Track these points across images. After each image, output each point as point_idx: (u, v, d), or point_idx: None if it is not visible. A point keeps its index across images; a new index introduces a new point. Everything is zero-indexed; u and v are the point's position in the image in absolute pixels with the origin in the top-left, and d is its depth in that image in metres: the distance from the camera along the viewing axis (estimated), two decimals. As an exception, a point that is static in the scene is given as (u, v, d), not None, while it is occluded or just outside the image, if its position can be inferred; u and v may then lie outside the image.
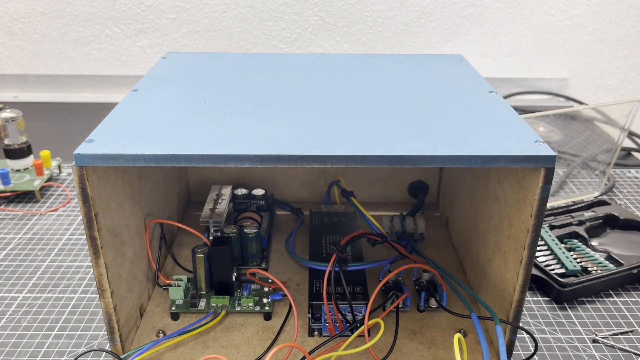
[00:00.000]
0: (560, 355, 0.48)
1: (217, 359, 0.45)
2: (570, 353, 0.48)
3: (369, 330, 0.46)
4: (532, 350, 0.48)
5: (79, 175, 0.38)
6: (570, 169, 0.80)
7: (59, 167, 0.79)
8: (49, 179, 0.77)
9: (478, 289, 0.52)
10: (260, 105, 0.47)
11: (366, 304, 0.48)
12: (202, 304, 0.50)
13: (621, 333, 0.51)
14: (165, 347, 0.46)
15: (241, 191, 0.62)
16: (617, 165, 0.84)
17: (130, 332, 0.47)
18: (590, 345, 0.49)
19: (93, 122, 0.43)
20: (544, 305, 0.54)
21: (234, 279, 0.51)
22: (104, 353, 0.48)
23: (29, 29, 1.09)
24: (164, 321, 0.49)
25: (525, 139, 0.40)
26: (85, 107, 1.08)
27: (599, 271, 0.56)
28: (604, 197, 0.72)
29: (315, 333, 0.48)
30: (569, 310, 0.54)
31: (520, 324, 0.45)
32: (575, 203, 0.69)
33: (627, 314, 0.53)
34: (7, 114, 0.75)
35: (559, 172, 0.79)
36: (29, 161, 0.76)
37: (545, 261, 0.58)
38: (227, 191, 0.61)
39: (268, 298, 0.50)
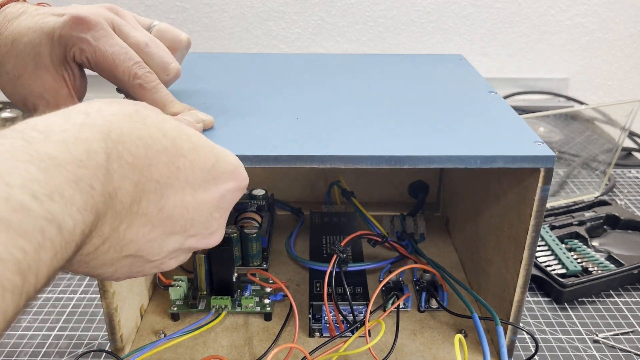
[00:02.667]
0: (560, 355, 0.48)
1: (218, 359, 0.45)
2: (571, 353, 0.48)
3: (369, 331, 0.46)
4: (533, 351, 0.48)
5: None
6: (570, 169, 0.80)
7: (59, 167, 0.79)
8: (49, 180, 0.77)
9: (478, 289, 0.52)
10: (260, 105, 0.46)
11: (367, 305, 0.48)
12: (202, 304, 0.50)
13: (622, 333, 0.51)
14: (166, 348, 0.46)
15: (241, 191, 0.62)
16: (617, 165, 0.84)
17: (131, 333, 0.47)
18: (590, 345, 0.49)
19: (93, 122, 0.43)
20: (544, 306, 0.54)
21: (234, 280, 0.51)
22: (105, 353, 0.48)
23: (29, 29, 1.09)
24: (165, 322, 0.49)
25: (524, 139, 0.40)
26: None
27: (599, 271, 0.56)
28: (605, 197, 0.72)
29: (316, 333, 0.48)
30: (569, 310, 0.54)
31: (521, 324, 0.45)
32: (575, 203, 0.69)
33: (628, 314, 0.53)
34: (7, 114, 0.75)
35: (560, 172, 0.79)
36: (29, 162, 0.76)
37: (545, 261, 0.58)
38: (227, 191, 0.61)
39: (268, 298, 0.50)
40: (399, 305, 0.49)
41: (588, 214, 0.66)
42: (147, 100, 0.40)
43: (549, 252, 0.59)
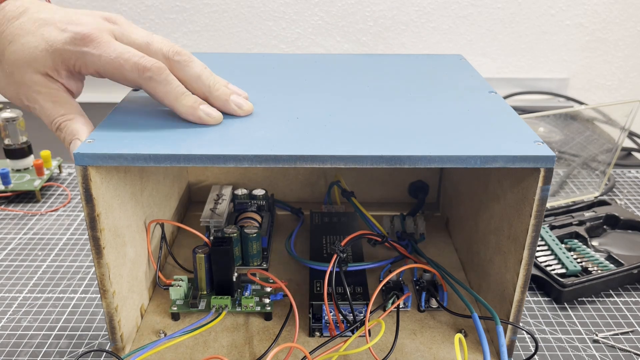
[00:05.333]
0: (560, 355, 0.48)
1: (218, 359, 0.45)
2: (571, 353, 0.48)
3: (369, 331, 0.46)
4: (533, 351, 0.48)
5: (82, 175, 0.38)
6: (570, 169, 0.80)
7: (59, 167, 0.79)
8: (49, 179, 0.77)
9: (478, 289, 0.52)
10: (260, 105, 0.47)
11: (367, 304, 0.48)
12: (202, 304, 0.50)
13: (622, 333, 0.51)
14: (166, 348, 0.46)
15: (241, 191, 0.62)
16: (617, 165, 0.84)
17: (131, 333, 0.47)
18: (590, 345, 0.49)
19: (93, 122, 0.44)
20: (544, 305, 0.54)
21: (234, 279, 0.51)
22: (105, 353, 0.48)
23: (29, 29, 1.09)
24: (165, 321, 0.50)
25: (524, 139, 0.40)
26: (85, 107, 1.08)
27: (599, 271, 0.56)
28: (604, 197, 0.72)
29: (316, 333, 0.48)
30: (569, 310, 0.54)
31: (521, 324, 0.45)
32: (575, 203, 0.69)
33: (628, 314, 0.53)
34: (8, 114, 0.75)
35: (559, 172, 0.79)
36: (29, 161, 0.76)
37: (545, 261, 0.58)
38: (227, 191, 0.61)
39: (269, 298, 0.50)
40: (399, 305, 0.49)
41: (588, 214, 0.66)
42: (159, 93, 0.41)
43: (548, 252, 0.59)
